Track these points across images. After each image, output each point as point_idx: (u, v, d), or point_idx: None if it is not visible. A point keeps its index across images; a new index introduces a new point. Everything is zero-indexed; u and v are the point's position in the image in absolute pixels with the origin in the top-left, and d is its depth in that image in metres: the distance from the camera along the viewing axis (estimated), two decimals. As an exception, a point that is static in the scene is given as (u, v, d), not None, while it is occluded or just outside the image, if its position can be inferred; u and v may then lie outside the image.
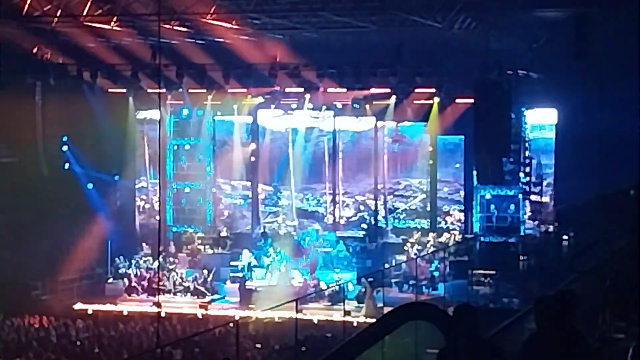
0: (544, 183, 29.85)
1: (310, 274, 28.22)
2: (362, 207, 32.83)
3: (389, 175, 32.12)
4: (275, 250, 29.30)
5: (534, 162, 29.44)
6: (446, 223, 31.45)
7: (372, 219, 31.53)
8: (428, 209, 31.36)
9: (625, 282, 11.00)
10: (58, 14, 25.06)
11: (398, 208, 32.33)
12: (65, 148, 30.82)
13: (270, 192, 33.59)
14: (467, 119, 28.15)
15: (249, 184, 33.20)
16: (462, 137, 30.37)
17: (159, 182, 32.47)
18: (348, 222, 32.30)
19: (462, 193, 31.07)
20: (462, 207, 30.81)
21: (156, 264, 28.67)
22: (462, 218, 30.61)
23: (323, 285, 27.47)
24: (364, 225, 31.45)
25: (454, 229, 30.83)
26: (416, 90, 29.01)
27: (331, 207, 32.40)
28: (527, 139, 28.90)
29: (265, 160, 32.92)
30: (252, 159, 32.56)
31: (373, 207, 31.87)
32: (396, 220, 31.81)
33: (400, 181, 32.31)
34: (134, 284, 28.69)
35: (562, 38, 24.51)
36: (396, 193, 32.42)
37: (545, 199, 30.07)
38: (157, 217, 31.81)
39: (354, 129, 32.22)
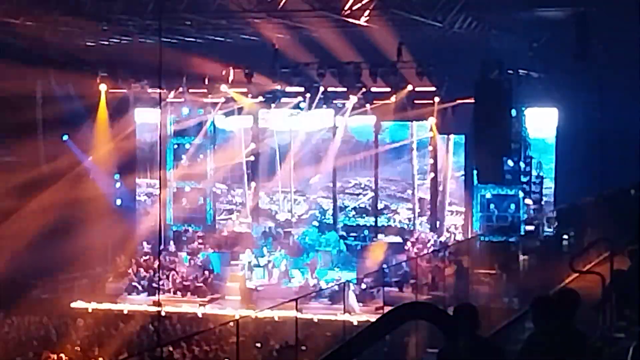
0: (544, 183, 29.87)
1: (311, 273, 28.23)
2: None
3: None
4: (276, 249, 29.33)
5: (534, 161, 29.46)
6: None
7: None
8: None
9: (625, 282, 11.00)
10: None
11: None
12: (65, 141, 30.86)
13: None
14: (468, 118, 28.15)
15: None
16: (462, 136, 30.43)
17: (160, 181, 32.47)
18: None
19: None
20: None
21: (156, 263, 28.68)
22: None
23: (323, 285, 27.48)
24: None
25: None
26: (416, 90, 29.03)
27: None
28: (527, 139, 28.90)
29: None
30: (252, 158, 32.58)
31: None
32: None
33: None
34: (134, 283, 28.70)
35: (563, 37, 24.50)
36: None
37: (545, 198, 30.08)
38: (158, 216, 31.81)
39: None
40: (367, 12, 24.11)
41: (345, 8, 23.50)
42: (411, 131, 31.69)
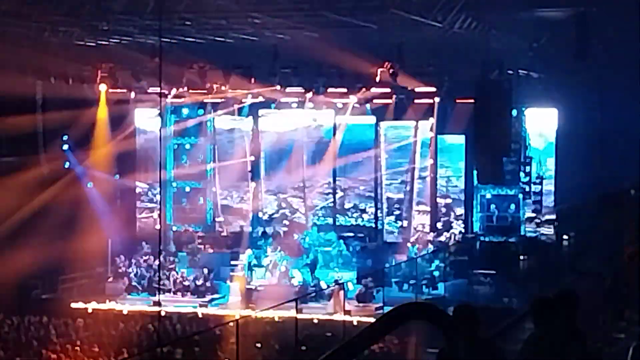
0: (544, 183, 29.87)
1: (311, 274, 28.23)
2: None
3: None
4: (276, 249, 29.33)
5: (534, 161, 29.46)
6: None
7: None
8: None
9: (625, 282, 11.01)
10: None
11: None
12: (65, 147, 30.87)
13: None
14: (468, 118, 28.15)
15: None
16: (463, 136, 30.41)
17: (160, 181, 32.48)
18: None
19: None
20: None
21: (156, 263, 28.69)
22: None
23: (323, 285, 27.49)
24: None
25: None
26: (416, 90, 29.03)
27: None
28: (527, 139, 28.90)
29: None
30: (252, 158, 32.59)
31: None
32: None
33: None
34: (134, 283, 28.70)
35: (563, 37, 24.48)
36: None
37: (545, 199, 30.09)
38: (158, 216, 31.83)
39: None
40: (367, 12, 24.11)
41: (346, 8, 23.48)
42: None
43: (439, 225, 29.93)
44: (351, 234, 30.70)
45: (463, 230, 29.60)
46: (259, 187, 32.71)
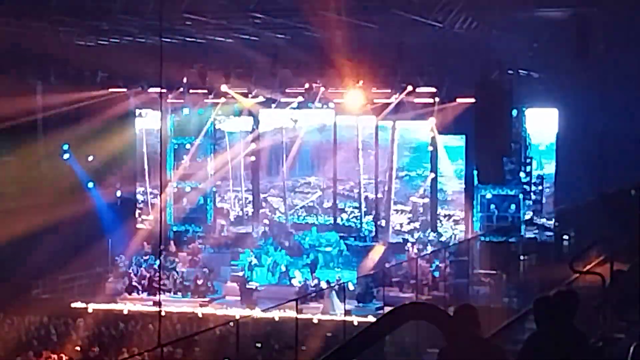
0: (544, 183, 29.87)
1: (311, 274, 28.24)
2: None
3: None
4: (276, 249, 29.34)
5: (535, 161, 29.45)
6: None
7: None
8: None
9: (625, 281, 11.00)
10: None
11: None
12: (66, 147, 30.88)
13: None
14: (468, 118, 28.15)
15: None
16: (463, 136, 30.41)
17: (160, 181, 32.49)
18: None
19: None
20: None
21: (157, 263, 28.70)
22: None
23: (323, 285, 27.49)
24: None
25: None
26: (416, 90, 29.03)
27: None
28: (527, 139, 28.88)
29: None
30: (253, 158, 32.61)
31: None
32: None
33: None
34: (134, 283, 28.70)
35: (563, 37, 24.48)
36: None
37: (545, 199, 30.10)
38: (158, 216, 31.84)
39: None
40: (368, 11, 24.12)
41: (346, 8, 23.48)
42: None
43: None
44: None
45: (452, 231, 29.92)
46: (258, 186, 32.75)
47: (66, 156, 30.85)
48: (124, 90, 31.03)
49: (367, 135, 31.45)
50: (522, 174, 28.52)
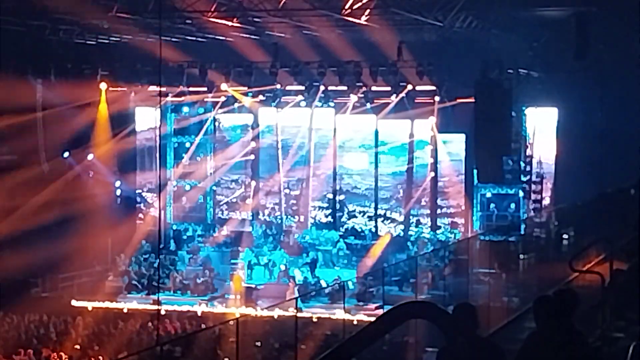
0: (544, 182, 29.89)
1: (310, 272, 28.24)
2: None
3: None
4: (276, 248, 29.34)
5: (534, 161, 29.46)
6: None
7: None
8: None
9: (625, 281, 11.01)
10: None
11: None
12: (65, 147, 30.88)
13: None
14: (468, 117, 28.16)
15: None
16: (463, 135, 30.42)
17: (159, 180, 32.49)
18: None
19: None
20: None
21: (157, 261, 28.70)
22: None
23: (323, 284, 27.50)
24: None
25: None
26: (416, 89, 29.04)
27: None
28: (527, 138, 28.90)
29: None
30: (252, 156, 32.61)
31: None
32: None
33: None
34: (134, 281, 28.71)
35: (563, 37, 24.52)
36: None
37: (545, 198, 30.11)
38: (158, 215, 31.84)
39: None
40: (368, 11, 24.14)
41: (346, 7, 23.52)
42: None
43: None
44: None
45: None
46: (258, 185, 32.74)
47: (66, 154, 30.84)
48: (124, 89, 31.02)
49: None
50: (521, 174, 28.54)
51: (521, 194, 28.45)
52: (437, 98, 29.44)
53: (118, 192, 32.60)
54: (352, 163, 31.81)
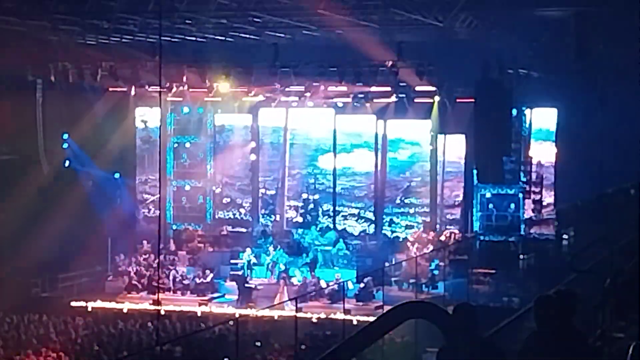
0: (544, 182, 29.87)
1: (310, 273, 28.25)
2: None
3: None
4: (275, 248, 29.34)
5: (534, 161, 29.45)
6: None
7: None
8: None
9: (625, 281, 11.00)
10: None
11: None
12: (65, 145, 30.88)
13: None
14: (468, 117, 28.15)
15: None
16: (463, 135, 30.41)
17: (159, 180, 32.51)
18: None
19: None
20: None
21: (156, 261, 28.70)
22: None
23: (323, 284, 27.50)
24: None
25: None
26: (416, 89, 29.03)
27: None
28: (527, 138, 28.88)
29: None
30: (253, 157, 32.60)
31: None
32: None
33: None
34: (133, 281, 28.71)
35: (563, 37, 24.51)
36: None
37: (545, 198, 30.09)
38: (158, 215, 31.85)
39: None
40: (367, 11, 24.13)
41: (346, 7, 23.50)
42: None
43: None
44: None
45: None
46: (258, 184, 32.74)
47: (66, 155, 30.85)
48: (124, 89, 31.01)
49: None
50: (521, 174, 28.53)
51: (521, 194, 28.43)
52: (437, 98, 29.45)
53: (118, 192, 32.58)
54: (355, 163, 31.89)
